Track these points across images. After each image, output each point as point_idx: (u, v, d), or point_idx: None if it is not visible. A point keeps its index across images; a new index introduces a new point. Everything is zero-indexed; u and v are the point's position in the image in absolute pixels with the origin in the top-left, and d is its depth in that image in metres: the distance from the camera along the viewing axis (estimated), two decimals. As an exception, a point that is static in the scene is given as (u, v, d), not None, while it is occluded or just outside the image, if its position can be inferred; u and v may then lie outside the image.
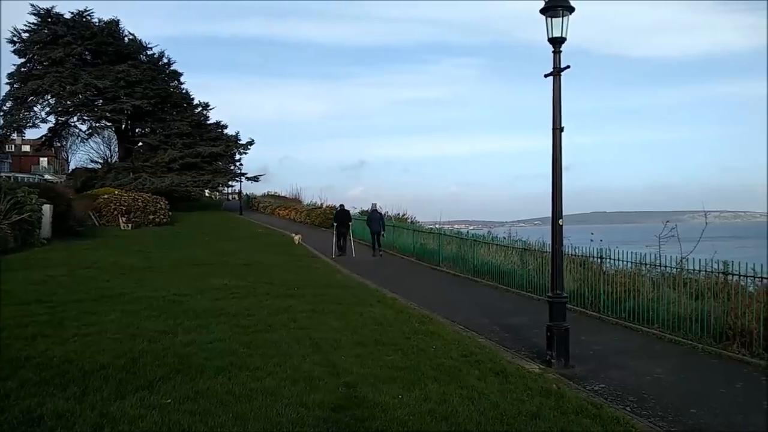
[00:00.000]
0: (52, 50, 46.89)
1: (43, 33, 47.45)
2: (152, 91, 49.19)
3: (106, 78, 46.76)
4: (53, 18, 47.83)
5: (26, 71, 48.22)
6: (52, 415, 5.15)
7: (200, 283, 13.97)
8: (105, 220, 34.14)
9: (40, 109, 49.50)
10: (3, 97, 48.43)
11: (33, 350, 7.27)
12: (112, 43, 49.54)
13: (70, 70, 46.63)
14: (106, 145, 63.53)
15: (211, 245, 25.77)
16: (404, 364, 7.49)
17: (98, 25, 49.30)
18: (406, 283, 16.74)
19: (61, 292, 11.85)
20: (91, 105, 48.67)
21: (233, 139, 56.36)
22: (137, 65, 49.77)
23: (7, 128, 50.17)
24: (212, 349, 7.68)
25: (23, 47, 48.06)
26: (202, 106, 55.91)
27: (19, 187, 23.55)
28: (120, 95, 47.60)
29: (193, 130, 52.18)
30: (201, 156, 51.19)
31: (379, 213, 25.73)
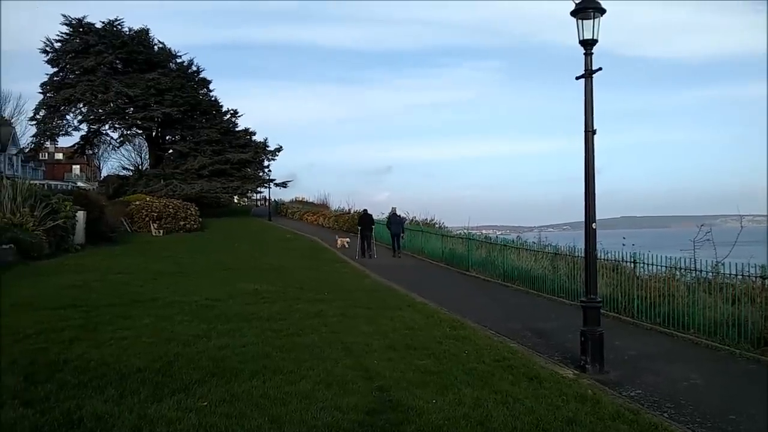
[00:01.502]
0: (83, 59, 47.70)
1: (75, 42, 48.31)
2: (182, 98, 49.77)
3: (137, 86, 47.42)
4: (85, 28, 48.69)
5: (59, 80, 49.11)
6: (91, 417, 5.23)
7: (231, 287, 14.08)
8: (137, 227, 34.61)
9: (72, 118, 50.43)
10: (36, 106, 49.40)
11: (70, 354, 7.38)
12: (142, 52, 50.25)
13: (101, 79, 47.41)
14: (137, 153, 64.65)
15: (241, 250, 25.96)
16: (436, 369, 7.48)
17: (128, 34, 50.05)
18: (436, 287, 16.70)
19: (95, 297, 12.01)
20: (122, 113, 49.40)
21: (261, 145, 56.73)
22: (167, 73, 50.39)
23: (40, 136, 51.09)
24: (246, 353, 7.73)
25: (56, 57, 48.97)
26: (230, 113, 56.43)
27: (54, 194, 23.96)
28: (150, 103, 48.25)
29: (222, 137, 52.64)
30: (230, 163, 51.62)
31: (398, 217, 26.99)
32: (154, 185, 47.76)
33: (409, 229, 29.18)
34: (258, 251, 25.74)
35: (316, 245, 30.38)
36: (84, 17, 48.77)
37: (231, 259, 21.81)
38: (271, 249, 27.16)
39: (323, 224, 45.08)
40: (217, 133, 52.35)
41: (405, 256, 26.71)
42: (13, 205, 20.20)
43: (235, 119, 56.52)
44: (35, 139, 52.17)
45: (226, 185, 51.22)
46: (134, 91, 47.08)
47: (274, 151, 57.31)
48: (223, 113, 56.12)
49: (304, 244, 30.61)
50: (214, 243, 29.73)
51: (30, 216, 20.10)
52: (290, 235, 36.67)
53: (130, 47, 49.24)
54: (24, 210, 20.16)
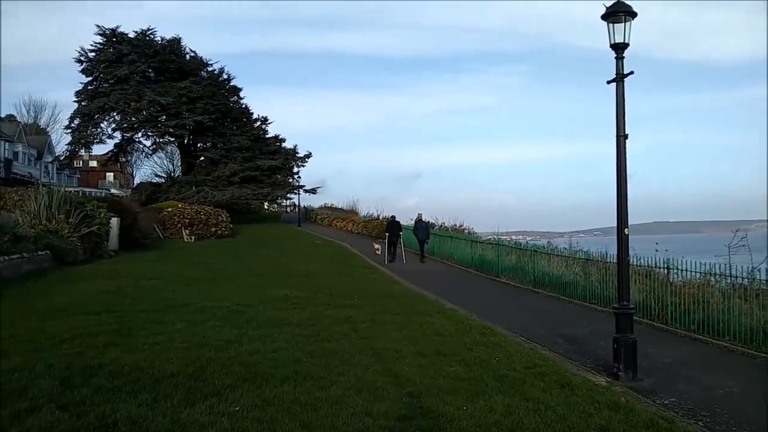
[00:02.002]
0: (117, 68, 48.56)
1: (108, 52, 49.21)
2: (213, 106, 50.36)
3: (169, 94, 48.10)
4: (118, 37, 49.58)
5: (93, 89, 50.05)
6: (125, 421, 5.30)
7: (261, 293, 14.19)
8: (169, 233, 35.07)
9: (106, 126, 51.38)
10: (71, 115, 50.43)
11: (105, 358, 7.50)
12: (174, 61, 50.97)
13: (134, 88, 48.23)
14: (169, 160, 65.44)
15: (271, 256, 26.15)
16: (467, 375, 7.45)
17: (161, 44, 50.82)
18: (465, 294, 16.64)
19: (129, 303, 12.19)
20: (155, 121, 50.13)
21: (291, 152, 57.14)
22: (198, 81, 51.04)
23: (75, 144, 52.10)
24: (276, 358, 7.78)
25: (90, 66, 49.93)
26: (261, 120, 56.93)
27: (88, 201, 24.37)
28: (182, 111, 48.91)
29: (252, 144, 53.15)
30: (260, 169, 52.09)
31: (424, 223, 27.68)
32: (186, 192, 48.36)
33: (438, 235, 29.48)
34: (288, 257, 25.90)
35: (346, 251, 30.47)
36: (117, 27, 49.75)
37: (261, 265, 21.97)
38: (301, 255, 27.30)
39: (352, 230, 45.19)
40: (248, 140, 52.87)
41: (434, 261, 26.72)
42: (48, 212, 20.60)
43: (265, 126, 57.09)
44: (70, 147, 53.26)
45: (257, 192, 51.67)
46: (166, 99, 47.78)
47: (304, 158, 57.77)
48: (254, 120, 56.65)
49: (334, 250, 30.71)
50: (245, 249, 29.99)
51: (65, 223, 20.48)
52: (319, 241, 36.82)
53: (163, 56, 49.99)
54: (59, 217, 20.55)
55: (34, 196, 21.36)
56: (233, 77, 55.90)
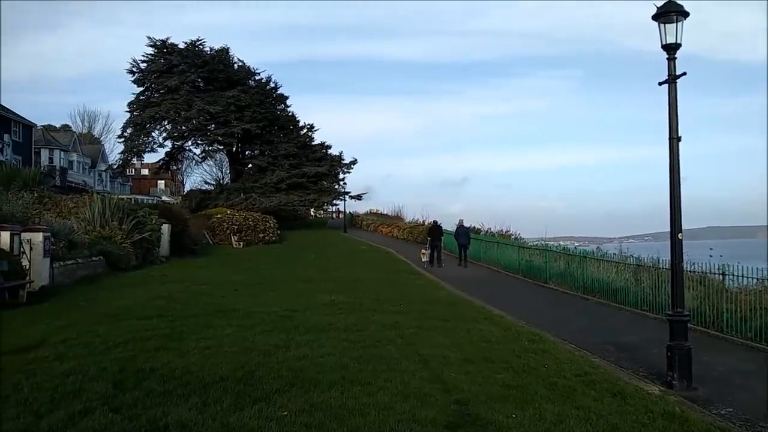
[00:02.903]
0: (167, 78, 49.67)
1: (159, 63, 50.39)
2: (260, 114, 51.07)
3: (218, 103, 48.96)
4: (168, 48, 50.73)
5: (144, 99, 51.30)
6: (176, 425, 5.37)
7: (308, 298, 14.27)
8: (218, 239, 35.68)
9: (157, 135, 52.52)
10: (124, 124, 51.78)
11: (156, 362, 7.63)
12: (223, 70, 51.87)
13: (184, 97, 49.24)
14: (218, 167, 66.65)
15: (317, 262, 26.33)
16: (516, 383, 7.34)
17: (209, 54, 51.78)
18: (513, 300, 16.46)
19: (180, 308, 12.41)
20: (204, 129, 51.07)
21: (337, 158, 57.46)
22: (246, 90, 51.84)
23: (128, 153, 53.42)
24: (324, 363, 7.80)
25: (142, 77, 51.21)
26: (307, 127, 57.48)
27: (140, 208, 24.96)
28: (231, 119, 49.68)
29: (299, 151, 53.68)
30: (307, 176, 52.54)
31: (465, 228, 28.26)
32: (234, 199, 49.10)
33: (484, 240, 29.35)
34: (334, 263, 26.04)
35: (392, 257, 30.50)
36: (168, 38, 50.93)
37: (308, 271, 22.13)
38: (347, 261, 27.43)
39: (398, 236, 45.21)
40: (295, 147, 53.42)
41: (480, 267, 26.58)
42: (102, 219, 21.15)
43: (312, 133, 57.59)
44: (123, 155, 54.59)
45: (303, 198, 52.13)
46: (215, 108, 48.63)
47: (349, 164, 58.01)
48: (300, 128, 57.22)
49: (380, 256, 30.77)
50: (292, 255, 30.27)
51: (118, 229, 21.00)
52: (365, 246, 36.94)
53: (211, 66, 50.92)
54: (113, 224, 21.08)
55: (89, 204, 21.97)
56: (280, 85, 56.67)
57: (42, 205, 23.31)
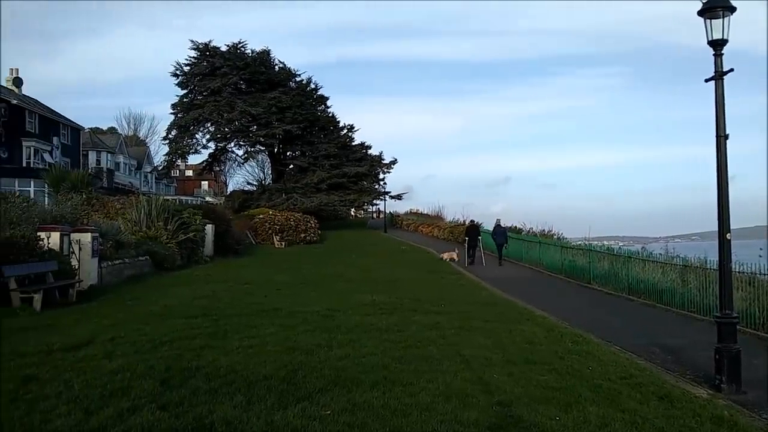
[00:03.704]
0: (210, 81, 50.48)
1: (202, 65, 51.25)
2: (301, 115, 51.52)
3: (259, 105, 49.54)
4: (211, 51, 51.57)
5: (188, 101, 52.22)
6: (221, 422, 5.46)
7: (349, 298, 14.34)
8: (260, 239, 36.13)
9: (201, 136, 53.47)
10: (168, 126, 52.84)
11: (202, 360, 7.77)
12: (264, 72, 52.46)
13: (226, 99, 49.96)
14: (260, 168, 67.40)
15: (358, 262, 26.44)
16: (559, 385, 7.25)
17: (251, 56, 52.42)
18: (555, 301, 16.26)
19: (223, 307, 12.62)
20: (246, 131, 51.77)
21: (377, 159, 57.60)
22: (287, 92, 52.35)
23: (172, 155, 54.47)
24: (365, 363, 7.83)
25: (185, 79, 52.19)
26: (347, 128, 57.77)
27: (185, 209, 25.42)
28: (272, 121, 50.24)
29: (339, 152, 53.98)
30: (347, 176, 52.79)
31: (502, 228, 28.80)
32: (276, 199, 49.63)
33: (525, 240, 29.19)
34: (374, 263, 26.11)
35: (432, 257, 30.42)
36: (210, 41, 51.80)
37: (348, 271, 22.24)
38: (387, 261, 27.48)
39: (438, 236, 45.06)
40: (335, 148, 53.73)
41: (523, 267, 26.40)
42: (148, 219, 21.63)
43: (352, 134, 57.87)
44: (168, 157, 55.72)
45: (344, 198, 52.39)
46: (257, 109, 49.22)
47: (389, 164, 58.10)
48: (340, 128, 57.54)
49: (420, 256, 30.73)
50: (333, 255, 30.45)
51: (164, 230, 21.44)
52: (405, 246, 36.93)
53: (253, 68, 51.54)
54: (158, 224, 21.53)
55: (135, 205, 22.46)
56: (320, 86, 57.09)
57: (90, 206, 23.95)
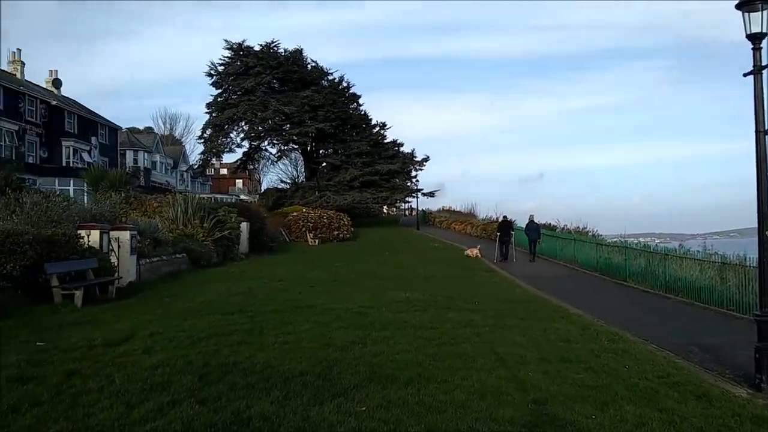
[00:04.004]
0: (244, 80, 51.03)
1: (236, 65, 51.85)
2: (333, 114, 51.78)
3: (292, 104, 49.92)
4: (244, 51, 52.13)
5: (222, 101, 52.88)
6: (259, 417, 5.55)
7: (382, 295, 14.39)
8: (294, 236, 36.45)
9: (235, 135, 54.12)
10: (203, 126, 53.64)
11: (239, 356, 7.89)
12: (297, 71, 52.84)
13: (260, 98, 50.47)
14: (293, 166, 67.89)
15: (391, 259, 26.48)
16: (595, 383, 7.20)
17: (284, 55, 52.86)
18: (590, 298, 16.11)
19: (259, 303, 12.77)
20: (280, 129, 52.20)
21: (409, 156, 57.63)
22: (320, 90, 52.66)
23: (207, 153, 55.23)
24: (400, 360, 7.88)
25: (219, 79, 52.87)
26: (379, 125, 57.91)
27: (220, 207, 25.77)
28: (305, 119, 50.58)
29: (371, 149, 54.15)
30: (379, 174, 52.92)
31: (535, 224, 28.60)
32: (309, 197, 49.98)
33: (560, 238, 28.97)
34: (407, 260, 26.12)
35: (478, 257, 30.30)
36: (244, 41, 52.39)
37: (381, 268, 22.30)
38: (420, 258, 27.47)
39: (471, 233, 44.91)
40: (367, 146, 53.91)
41: (557, 265, 26.17)
42: (185, 217, 21.97)
43: (384, 131, 58.02)
44: (203, 156, 56.53)
45: (376, 196, 52.52)
46: (290, 108, 49.60)
47: (422, 161, 58.08)
48: (372, 126, 57.68)
49: (453, 254, 30.63)
50: (365, 252, 30.55)
51: (200, 227, 21.76)
52: (438, 244, 36.90)
53: (286, 67, 51.95)
54: (195, 222, 21.86)
55: (172, 203, 22.82)
56: (352, 85, 57.34)
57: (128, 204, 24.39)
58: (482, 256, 27.68)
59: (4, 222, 13.76)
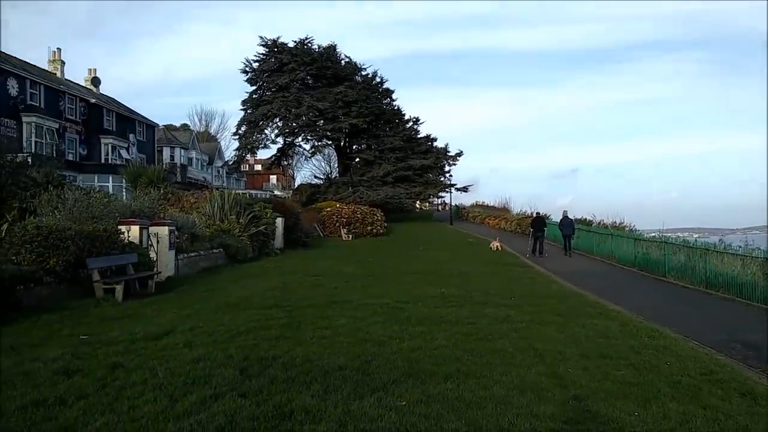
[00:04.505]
0: (278, 77, 51.30)
1: (270, 62, 52.12)
2: (367, 109, 51.79)
3: (326, 99, 50.08)
4: (279, 47, 52.39)
5: (257, 98, 53.25)
6: (300, 411, 5.59)
7: (417, 290, 14.39)
8: (328, 231, 36.65)
9: (270, 132, 54.43)
10: (238, 122, 54.03)
11: (278, 350, 7.95)
12: (330, 67, 52.95)
13: (294, 95, 50.69)
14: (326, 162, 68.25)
15: (425, 254, 26.44)
16: (636, 380, 7.11)
17: (318, 51, 53.00)
18: (628, 294, 15.88)
19: (295, 298, 12.86)
20: (314, 125, 52.43)
21: (442, 151, 57.47)
22: (353, 86, 52.69)
23: (242, 150, 55.74)
24: (437, 355, 7.87)
25: (254, 76, 53.23)
26: (412, 121, 57.81)
27: (256, 202, 26.00)
28: (338, 115, 50.72)
29: (404, 144, 54.07)
30: (413, 169, 52.85)
31: (569, 219, 28.68)
32: (342, 192, 50.12)
33: (597, 233, 28.67)
34: (441, 255, 26.05)
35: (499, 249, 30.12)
36: (278, 38, 52.62)
37: (416, 263, 22.28)
38: (454, 253, 27.39)
39: (505, 228, 44.64)
40: (400, 141, 53.83)
41: (594, 260, 25.92)
42: (221, 213, 22.22)
43: (417, 126, 57.89)
44: (238, 152, 57.06)
45: (409, 191, 52.46)
46: (324, 104, 49.77)
47: (455, 156, 57.88)
48: (405, 121, 57.61)
49: (487, 249, 30.45)
50: (399, 247, 30.56)
51: (236, 223, 22.00)
52: (472, 239, 36.73)
53: (320, 63, 52.09)
54: (231, 218, 22.11)
55: (209, 199, 23.10)
56: (386, 80, 57.29)
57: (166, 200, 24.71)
58: (502, 249, 28.00)
59: (48, 218, 14.07)
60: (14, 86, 36.90)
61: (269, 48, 52.60)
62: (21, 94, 37.33)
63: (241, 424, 5.27)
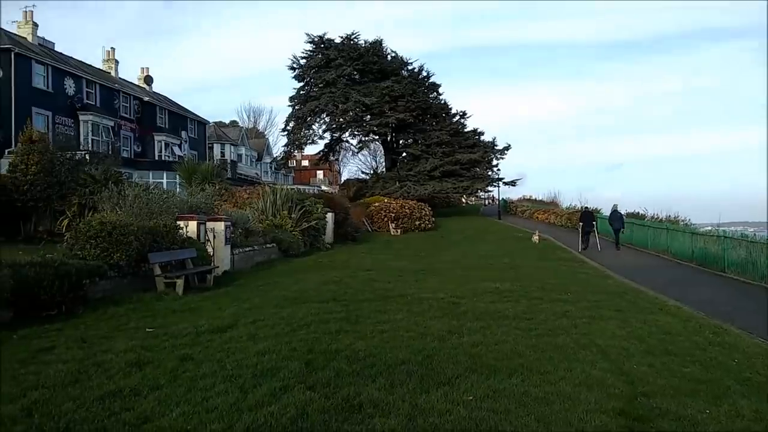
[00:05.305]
0: (325, 73, 51.59)
1: (317, 58, 52.48)
2: (413, 103, 51.67)
3: (373, 95, 50.13)
4: (325, 43, 52.71)
5: (304, 94, 53.65)
6: (369, 403, 5.67)
7: (471, 285, 14.36)
8: (376, 226, 36.79)
9: (317, 127, 54.83)
10: (286, 118, 54.56)
11: (340, 344, 8.05)
12: (377, 62, 53.01)
13: (341, 90, 50.91)
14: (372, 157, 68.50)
15: (475, 249, 26.36)
16: (704, 377, 7.00)
17: (364, 46, 53.12)
18: (687, 290, 15.53)
19: (351, 292, 12.98)
20: (360, 120, 52.58)
21: (490, 145, 56.92)
22: (399, 80, 52.59)
23: (291, 145, 56.27)
24: (499, 351, 7.86)
25: (301, 72, 53.65)
26: (459, 114, 57.42)
27: (307, 198, 26.27)
28: (385, 110, 50.72)
29: (451, 139, 53.74)
30: (460, 163, 52.50)
31: (619, 213, 28.73)
32: (389, 187, 50.18)
33: (651, 227, 28.20)
34: (491, 249, 25.95)
35: (550, 244, 29.82)
36: (324, 34, 52.96)
37: (466, 257, 22.23)
38: (504, 247, 27.22)
39: (555, 222, 44.09)
40: (447, 135, 53.54)
41: (648, 255, 25.39)
42: (273, 208, 22.53)
43: (464, 120, 57.43)
44: (286, 148, 57.62)
45: (457, 185, 52.15)
46: (370, 99, 49.85)
47: (503, 150, 57.22)
48: (452, 115, 57.22)
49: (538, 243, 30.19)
50: (449, 241, 30.51)
51: (288, 218, 22.28)
52: (521, 234, 36.38)
53: (366, 58, 52.20)
54: (283, 213, 22.40)
55: (262, 195, 23.45)
56: (432, 74, 56.97)
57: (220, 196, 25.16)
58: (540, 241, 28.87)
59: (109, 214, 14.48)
60: (71, 86, 38.07)
61: (316, 44, 52.96)
62: (78, 93, 38.48)
63: (313, 416, 5.36)
